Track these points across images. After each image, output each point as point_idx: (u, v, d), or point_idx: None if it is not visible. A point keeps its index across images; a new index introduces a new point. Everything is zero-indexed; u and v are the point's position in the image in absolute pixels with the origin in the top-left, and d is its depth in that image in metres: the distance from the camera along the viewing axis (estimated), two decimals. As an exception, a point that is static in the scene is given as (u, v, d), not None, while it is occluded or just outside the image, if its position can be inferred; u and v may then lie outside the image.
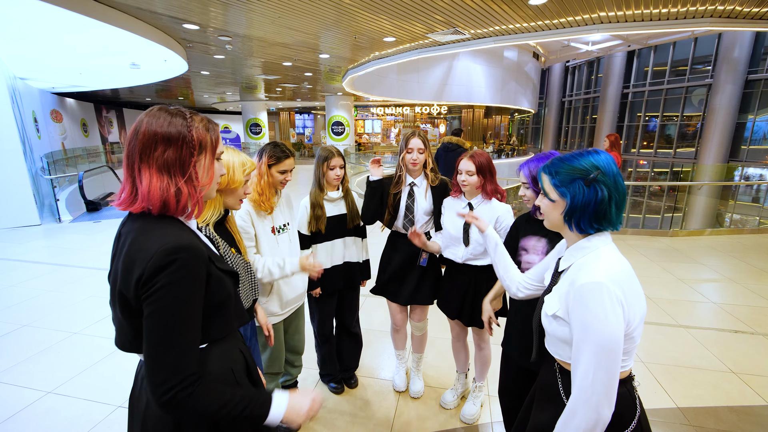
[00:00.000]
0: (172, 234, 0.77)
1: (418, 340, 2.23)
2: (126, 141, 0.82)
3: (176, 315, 0.75)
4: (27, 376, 2.40)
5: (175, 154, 0.79)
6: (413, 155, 1.94)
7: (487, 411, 2.11)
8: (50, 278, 3.99)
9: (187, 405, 0.75)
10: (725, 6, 4.44)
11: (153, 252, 0.73)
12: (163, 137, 0.79)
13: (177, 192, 0.79)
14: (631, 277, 0.88)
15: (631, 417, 0.90)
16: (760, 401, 2.16)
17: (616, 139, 4.97)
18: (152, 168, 0.78)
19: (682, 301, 3.43)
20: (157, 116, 0.80)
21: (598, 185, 0.89)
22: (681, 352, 2.64)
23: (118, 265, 0.78)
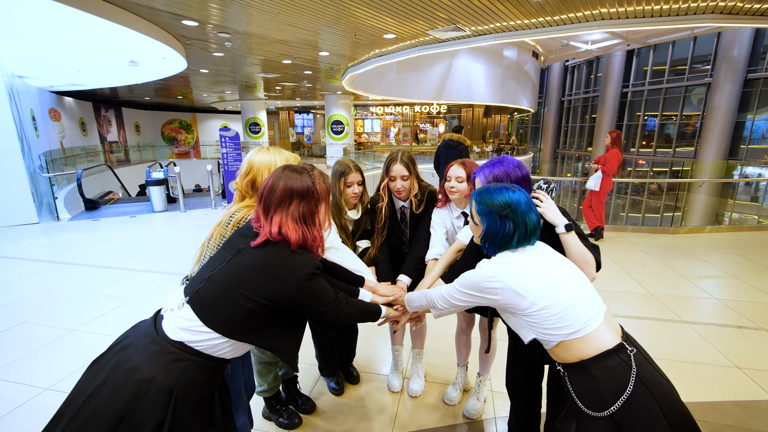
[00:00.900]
0: (306, 258, 1.05)
1: (418, 334, 2.21)
2: (264, 191, 1.05)
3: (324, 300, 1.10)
4: (25, 372, 2.37)
5: (308, 206, 1.06)
6: (396, 184, 1.78)
7: (490, 406, 2.09)
8: (48, 276, 3.96)
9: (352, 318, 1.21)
10: (726, 2, 4.43)
11: (305, 265, 1.02)
12: (298, 192, 1.04)
13: (313, 239, 1.05)
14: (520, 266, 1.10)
15: (623, 388, 0.95)
16: (765, 396, 2.14)
17: (617, 136, 4.96)
18: (288, 217, 1.02)
19: (684, 297, 3.41)
20: (290, 176, 1.05)
21: (507, 220, 1.12)
22: (684, 347, 2.62)
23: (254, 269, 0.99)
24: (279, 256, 0.99)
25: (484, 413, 2.04)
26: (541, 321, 1.04)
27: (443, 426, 1.97)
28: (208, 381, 0.95)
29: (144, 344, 0.92)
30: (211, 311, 0.95)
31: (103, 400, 0.86)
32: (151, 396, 0.85)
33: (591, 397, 0.99)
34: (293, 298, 0.99)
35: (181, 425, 0.87)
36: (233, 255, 1.01)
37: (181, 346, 0.92)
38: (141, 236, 5.57)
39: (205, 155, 22.03)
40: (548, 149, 25.23)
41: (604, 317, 1.06)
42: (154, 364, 0.88)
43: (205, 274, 1.01)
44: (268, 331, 0.99)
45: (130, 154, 18.87)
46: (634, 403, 0.92)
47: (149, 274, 4.00)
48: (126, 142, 19.13)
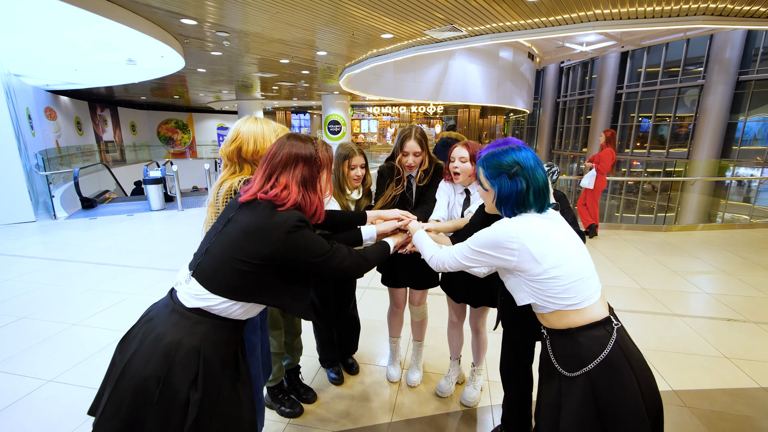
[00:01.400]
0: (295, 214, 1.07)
1: (418, 326, 2.25)
2: (269, 155, 1.10)
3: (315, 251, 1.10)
4: (27, 365, 2.39)
5: (309, 171, 1.09)
6: (409, 159, 1.85)
7: (486, 395, 2.14)
8: (47, 272, 3.96)
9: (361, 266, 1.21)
10: (717, 4, 4.52)
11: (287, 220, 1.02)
12: (301, 157, 1.09)
13: (311, 203, 1.09)
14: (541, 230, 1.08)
15: (602, 350, 1.00)
16: (753, 384, 2.21)
17: (612, 135, 5.05)
18: (292, 180, 1.06)
19: (676, 291, 3.48)
20: (294, 143, 1.10)
21: (518, 178, 1.10)
22: (676, 339, 2.69)
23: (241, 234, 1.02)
24: (262, 215, 1.02)
25: (481, 402, 2.09)
26: (548, 289, 1.05)
27: (440, 414, 2.01)
28: (230, 340, 1.01)
29: (166, 314, 0.99)
30: (214, 280, 0.99)
31: (138, 366, 0.92)
32: (182, 356, 0.92)
33: (571, 360, 1.04)
34: (281, 254, 1.00)
35: (212, 380, 0.94)
36: (224, 225, 1.06)
37: (198, 312, 0.98)
38: (139, 234, 5.58)
39: (201, 155, 21.97)
40: (544, 150, 25.41)
41: (601, 294, 1.11)
42: (178, 330, 0.95)
43: (204, 248, 1.06)
44: (274, 290, 1.03)
45: (126, 153, 18.79)
46: (610, 365, 0.98)
47: (148, 270, 4.02)
48: (122, 141, 19.04)
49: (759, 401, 2.08)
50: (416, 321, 2.23)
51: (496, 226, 1.10)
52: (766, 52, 14.73)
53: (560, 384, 1.07)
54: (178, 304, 0.99)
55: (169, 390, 0.90)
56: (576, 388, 1.01)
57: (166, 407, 0.90)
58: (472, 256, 1.15)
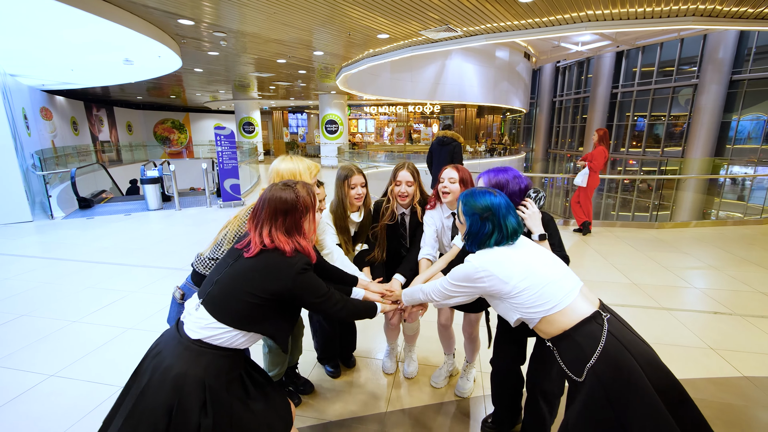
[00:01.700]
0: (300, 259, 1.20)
1: (410, 338, 2.30)
2: (255, 209, 1.22)
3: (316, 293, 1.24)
4: (29, 361, 2.43)
5: (292, 219, 1.19)
6: (401, 188, 1.92)
7: (479, 386, 2.21)
8: (46, 271, 3.99)
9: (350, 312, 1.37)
10: (706, 5, 4.62)
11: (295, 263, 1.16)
12: (281, 211, 1.19)
13: (301, 246, 1.20)
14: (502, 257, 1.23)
15: (594, 348, 1.07)
16: (736, 373, 2.29)
17: (604, 134, 5.13)
18: (279, 233, 1.18)
19: (666, 286, 3.57)
20: (275, 194, 1.20)
21: (487, 221, 1.25)
22: (664, 331, 2.77)
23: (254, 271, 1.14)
24: (273, 257, 1.16)
25: (474, 392, 2.15)
26: (524, 301, 1.16)
27: (434, 403, 2.08)
28: (231, 367, 1.10)
29: (173, 347, 1.08)
30: (222, 308, 1.10)
31: (150, 397, 1.01)
32: (188, 387, 1.01)
33: (577, 362, 1.09)
34: (289, 291, 1.13)
35: (220, 404, 1.03)
36: (235, 260, 1.18)
37: (200, 344, 1.08)
38: (137, 234, 5.60)
39: (197, 155, 21.92)
40: (540, 149, 25.56)
41: (579, 292, 1.17)
42: (183, 361, 1.04)
43: (214, 279, 1.17)
44: (270, 321, 1.15)
45: (122, 153, 18.74)
46: (608, 355, 1.03)
47: (147, 269, 4.06)
48: (118, 141, 18.99)
49: (741, 389, 2.16)
50: (409, 335, 2.28)
51: (466, 264, 1.26)
52: (758, 52, 14.89)
53: (577, 393, 1.12)
54: (185, 336, 1.09)
55: (182, 417, 0.99)
56: (591, 391, 1.05)
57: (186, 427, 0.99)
58: (453, 289, 1.31)
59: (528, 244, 1.30)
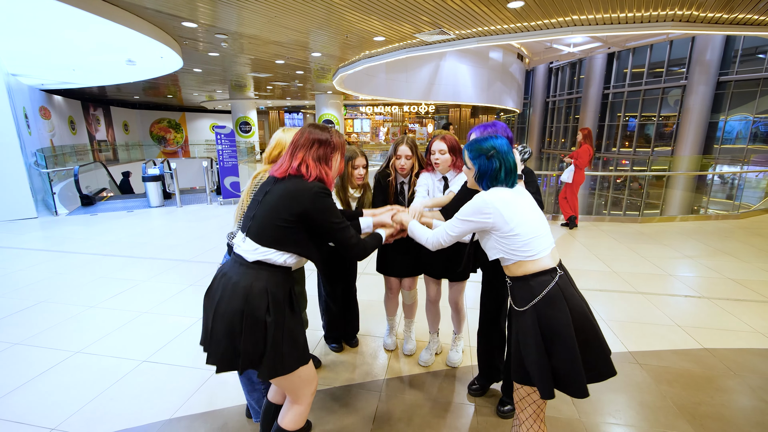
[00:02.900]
0: (320, 185, 1.38)
1: (409, 308, 2.53)
2: (294, 139, 1.43)
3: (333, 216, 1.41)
4: (54, 340, 2.63)
5: (324, 151, 1.41)
6: (401, 162, 2.15)
7: (468, 357, 2.45)
8: (56, 263, 4.17)
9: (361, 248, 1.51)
10: (684, 11, 4.90)
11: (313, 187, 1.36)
12: (318, 140, 1.41)
13: (326, 174, 1.40)
14: (509, 199, 1.39)
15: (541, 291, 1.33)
16: (697, 346, 2.55)
17: (589, 133, 5.40)
18: (310, 159, 1.38)
19: (642, 273, 3.84)
20: (313, 130, 1.43)
21: (494, 159, 1.41)
22: (636, 311, 3.03)
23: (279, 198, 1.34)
24: (295, 183, 1.35)
25: (463, 363, 2.39)
26: (512, 243, 1.39)
27: (429, 372, 2.31)
28: (285, 281, 1.37)
29: (236, 268, 1.34)
30: (263, 235, 1.33)
31: (226, 305, 1.28)
32: (255, 294, 1.27)
33: (523, 299, 1.36)
34: (309, 213, 1.32)
35: (279, 307, 1.31)
36: (264, 195, 1.39)
37: (257, 264, 1.34)
38: (140, 229, 5.78)
39: (193, 154, 22.00)
40: (534, 149, 25.92)
41: (551, 249, 1.42)
42: (248, 277, 1.30)
43: (251, 213, 1.42)
44: (304, 243, 1.36)
45: (119, 153, 18.79)
46: (550, 299, 1.31)
47: (154, 260, 4.25)
48: (115, 141, 19.03)
49: (701, 358, 2.42)
50: (407, 304, 2.51)
51: (476, 198, 1.42)
52: (744, 54, 15.31)
53: (516, 321, 1.38)
54: (242, 259, 1.35)
55: (252, 318, 1.26)
56: (527, 318, 1.33)
57: (252, 328, 1.26)
58: (460, 226, 1.46)
59: (525, 193, 1.48)
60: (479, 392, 2.09)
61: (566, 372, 1.26)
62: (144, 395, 2.09)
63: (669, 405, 2.01)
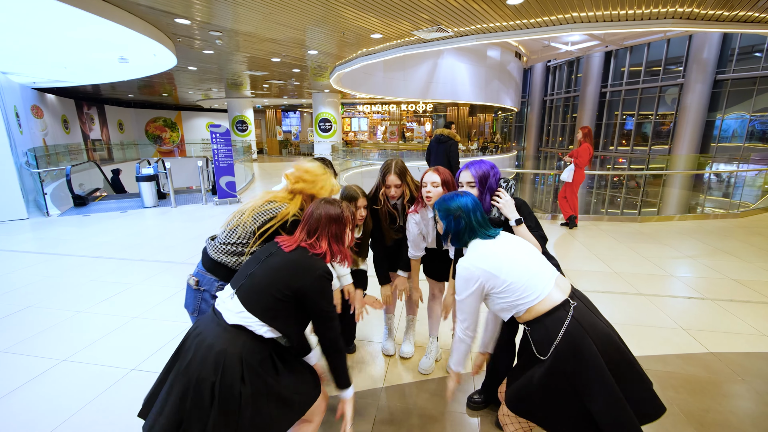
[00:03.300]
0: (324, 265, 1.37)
1: (410, 302, 2.46)
2: (307, 214, 1.43)
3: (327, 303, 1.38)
4: (40, 347, 2.54)
5: (338, 228, 1.42)
6: (391, 191, 2.03)
7: (469, 362, 2.38)
8: (47, 266, 4.07)
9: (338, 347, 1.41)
10: (684, 8, 4.85)
11: (320, 268, 1.34)
12: (333, 218, 1.41)
13: (340, 252, 1.43)
14: (489, 252, 1.37)
15: (558, 331, 1.24)
16: (702, 350, 2.50)
17: (588, 132, 5.34)
18: (326, 236, 1.40)
19: (644, 274, 3.78)
20: (327, 207, 1.42)
21: (460, 219, 1.43)
22: (639, 313, 2.97)
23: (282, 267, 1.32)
24: (302, 256, 1.33)
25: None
26: (511, 294, 1.30)
27: (428, 379, 2.24)
28: (262, 348, 1.27)
29: (212, 328, 1.25)
30: (252, 300, 1.26)
31: (195, 372, 1.17)
32: (229, 362, 1.17)
33: (543, 343, 1.25)
34: (307, 291, 1.28)
35: (256, 376, 1.21)
36: (267, 256, 1.34)
37: (237, 327, 1.25)
38: (135, 230, 5.68)
39: (190, 153, 21.82)
40: (531, 147, 25.92)
41: (554, 282, 1.32)
42: (223, 341, 1.21)
43: (247, 272, 1.34)
44: (287, 320, 1.31)
45: (114, 152, 18.60)
46: (570, 336, 1.20)
47: (147, 263, 4.16)
48: (109, 140, 18.84)
49: (706, 363, 2.36)
50: (411, 299, 2.44)
51: (458, 272, 1.38)
52: (741, 53, 15.32)
53: (538, 369, 1.27)
54: (222, 320, 1.26)
55: (226, 388, 1.15)
56: (552, 367, 1.22)
57: (225, 400, 1.15)
58: (465, 308, 1.40)
59: (508, 238, 1.43)
60: (480, 406, 2.01)
61: (612, 418, 1.13)
62: (132, 406, 2.00)
63: (676, 412, 1.95)
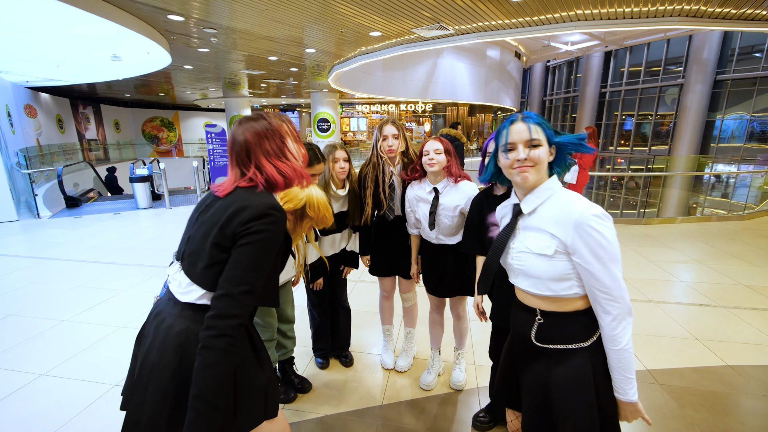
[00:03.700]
0: (272, 198, 1.02)
1: (408, 312, 2.33)
2: (229, 144, 1.08)
3: (258, 256, 0.96)
4: (18, 360, 2.39)
5: (272, 143, 1.05)
6: (388, 142, 1.95)
7: (473, 378, 2.24)
8: (33, 271, 3.92)
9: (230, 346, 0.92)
10: (691, 6, 4.72)
11: (258, 204, 0.97)
12: (261, 135, 1.05)
13: (293, 170, 1.06)
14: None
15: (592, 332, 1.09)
16: (719, 362, 2.37)
17: (593, 132, 5.22)
18: (263, 158, 1.04)
19: (652, 280, 3.66)
20: (247, 125, 1.06)
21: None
22: (650, 323, 2.84)
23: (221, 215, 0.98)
24: (240, 196, 0.99)
25: (468, 384, 2.19)
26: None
27: (430, 396, 2.10)
28: None
29: (170, 308, 1.04)
30: (197, 269, 0.99)
31: (155, 356, 0.99)
32: (191, 342, 0.97)
33: (564, 338, 1.08)
34: (239, 232, 0.94)
35: None
36: (201, 213, 1.07)
37: (190, 306, 1.02)
38: (126, 232, 5.53)
39: (187, 153, 21.65)
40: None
41: None
42: (184, 319, 1.00)
43: (185, 236, 1.09)
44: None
45: (110, 152, 18.41)
46: (599, 343, 1.08)
47: (137, 267, 4.01)
48: (105, 140, 18.64)
49: (724, 377, 2.23)
50: (406, 307, 2.32)
51: (605, 231, 1.00)
52: (741, 53, 15.25)
53: (549, 362, 1.10)
54: (175, 297, 1.04)
55: (188, 374, 0.94)
56: (575, 360, 1.06)
57: (186, 388, 0.94)
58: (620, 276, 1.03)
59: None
60: (488, 426, 1.87)
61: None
62: (114, 426, 1.86)
63: (696, 433, 1.82)
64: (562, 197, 1.08)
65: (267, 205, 0.97)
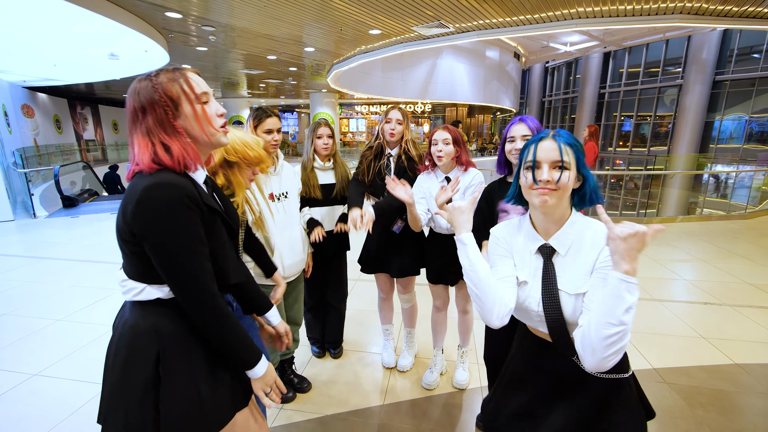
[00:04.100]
0: (155, 177, 0.83)
1: (408, 313, 2.28)
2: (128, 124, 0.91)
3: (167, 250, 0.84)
4: (10, 360, 2.34)
5: (153, 117, 0.85)
6: (391, 125, 1.97)
7: (476, 376, 2.19)
8: (28, 270, 3.86)
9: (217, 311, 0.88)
10: (693, 3, 4.70)
11: (138, 191, 0.82)
12: (139, 108, 0.86)
13: (166, 148, 0.85)
14: None
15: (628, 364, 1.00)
16: (727, 361, 2.32)
17: (595, 131, 5.19)
18: (139, 135, 0.86)
19: (657, 278, 3.61)
20: (132, 91, 0.88)
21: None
22: (656, 322, 2.80)
23: (121, 210, 0.87)
24: (133, 182, 0.85)
25: (471, 383, 2.14)
26: None
27: (432, 395, 2.05)
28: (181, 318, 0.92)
29: (128, 304, 0.97)
30: (124, 258, 0.92)
31: (112, 351, 0.93)
32: (141, 339, 0.89)
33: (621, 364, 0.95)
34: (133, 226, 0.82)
35: (179, 350, 0.90)
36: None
37: (138, 304, 0.92)
38: (124, 232, 5.47)
39: (186, 154, 21.54)
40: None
41: None
42: (134, 314, 0.91)
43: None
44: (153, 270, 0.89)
45: (108, 152, 18.34)
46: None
47: (134, 266, 3.95)
48: (103, 140, 18.57)
49: (732, 376, 2.18)
50: (405, 308, 2.27)
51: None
52: (740, 53, 15.27)
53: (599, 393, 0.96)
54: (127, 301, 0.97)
55: (133, 371, 0.87)
56: (629, 389, 0.97)
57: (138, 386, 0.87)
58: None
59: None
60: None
61: None
62: (106, 428, 1.80)
63: (706, 433, 1.78)
64: (597, 228, 0.96)
65: (143, 189, 0.81)
